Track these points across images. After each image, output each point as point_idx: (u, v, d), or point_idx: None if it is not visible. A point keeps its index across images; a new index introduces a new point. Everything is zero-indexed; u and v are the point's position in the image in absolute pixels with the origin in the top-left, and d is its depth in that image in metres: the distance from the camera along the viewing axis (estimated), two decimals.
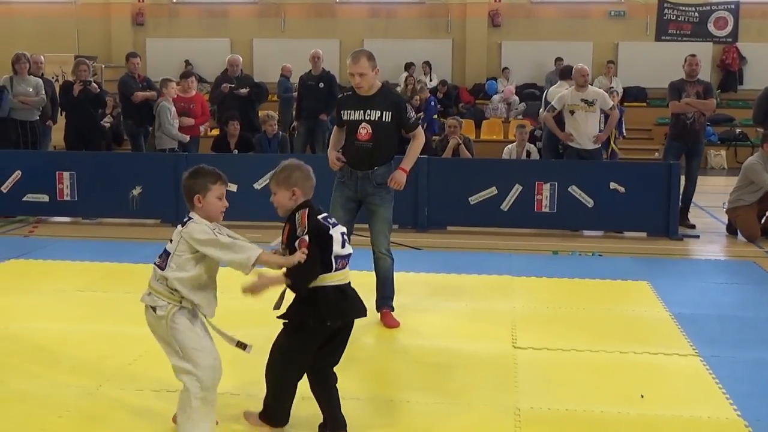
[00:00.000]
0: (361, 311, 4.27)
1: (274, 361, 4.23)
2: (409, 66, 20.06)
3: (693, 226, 10.43)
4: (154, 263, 4.06)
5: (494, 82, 20.22)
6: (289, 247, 4.10)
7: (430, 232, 10.06)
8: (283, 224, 4.22)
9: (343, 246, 4.15)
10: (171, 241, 4.06)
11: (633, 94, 19.51)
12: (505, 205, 10.07)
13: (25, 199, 10.55)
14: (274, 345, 4.25)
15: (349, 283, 4.22)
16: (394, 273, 6.39)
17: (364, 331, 6.09)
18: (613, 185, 9.95)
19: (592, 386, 5.07)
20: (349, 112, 6.12)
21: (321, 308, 4.07)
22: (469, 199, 10.12)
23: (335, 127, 6.38)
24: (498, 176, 10.16)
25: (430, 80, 19.85)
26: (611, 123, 10.73)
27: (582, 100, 10.34)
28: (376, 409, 4.68)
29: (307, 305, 4.10)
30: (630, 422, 4.55)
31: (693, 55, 10.73)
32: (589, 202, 9.97)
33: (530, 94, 19.99)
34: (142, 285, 5.23)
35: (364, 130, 6.05)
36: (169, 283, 3.99)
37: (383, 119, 6.03)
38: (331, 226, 4.15)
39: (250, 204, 10.27)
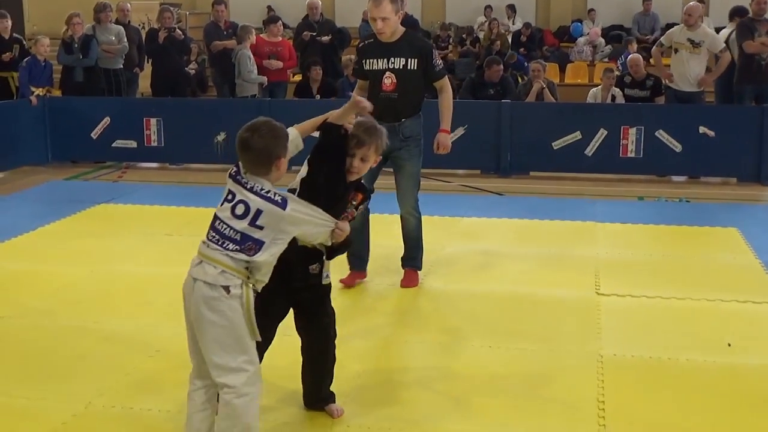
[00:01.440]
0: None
1: (328, 345, 3.93)
2: (486, 9, 19.72)
3: None
4: (234, 249, 3.34)
5: (579, 24, 19.71)
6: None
7: (512, 178, 9.97)
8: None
9: None
10: (258, 227, 3.33)
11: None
12: (590, 150, 9.89)
13: (114, 145, 10.80)
14: (320, 331, 3.90)
15: None
16: (420, 232, 5.98)
17: (444, 277, 6.11)
18: (702, 129, 9.68)
19: (677, 334, 4.99)
20: (371, 61, 5.66)
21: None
22: (553, 144, 9.97)
23: (358, 81, 5.93)
24: (582, 121, 9.97)
25: (513, 24, 19.50)
26: (719, 67, 10.29)
27: (688, 39, 10.03)
28: (459, 353, 4.70)
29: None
30: (716, 370, 4.48)
31: None
32: (677, 147, 9.73)
33: (617, 36, 19.44)
34: None
35: (389, 80, 5.62)
36: (252, 265, 3.35)
37: (408, 67, 5.60)
38: None
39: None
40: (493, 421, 3.94)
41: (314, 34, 12.48)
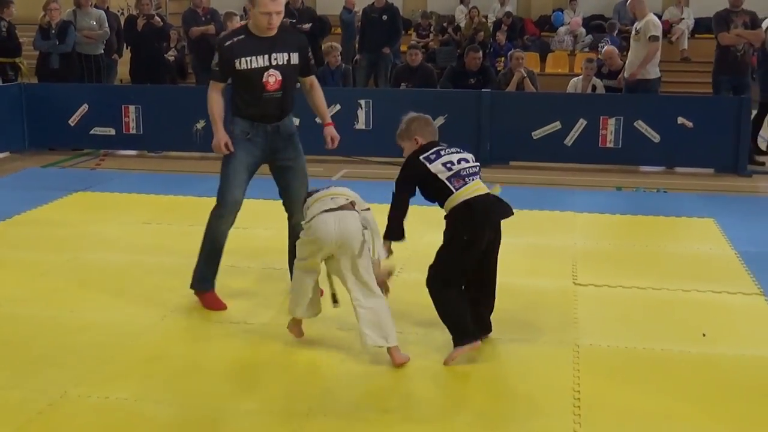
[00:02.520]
0: (499, 213, 4.59)
1: (432, 282, 4.59)
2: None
3: (762, 164, 10.14)
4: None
5: (561, 13, 19.75)
6: None
7: (492, 167, 9.94)
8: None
9: (450, 169, 4.49)
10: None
11: (705, 26, 18.84)
12: (569, 140, 9.93)
13: (92, 132, 10.72)
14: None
15: (484, 194, 4.53)
16: None
17: (422, 267, 6.11)
18: (680, 120, 9.73)
19: (653, 324, 5.03)
20: (248, 59, 5.05)
21: (457, 225, 4.48)
22: (533, 133, 9.99)
23: (215, 84, 5.21)
24: (562, 110, 10.00)
25: (502, 7, 19.41)
26: (647, 56, 10.28)
27: (635, 28, 10.26)
28: (436, 344, 4.70)
29: (447, 224, 4.56)
30: (691, 360, 4.52)
31: None
32: (656, 138, 9.78)
33: (597, 26, 19.49)
34: (205, 218, 5.33)
35: (273, 78, 5.10)
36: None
37: (291, 62, 5.15)
38: (430, 163, 4.55)
39: (311, 137, 10.28)
40: (468, 410, 3.96)
41: (294, 21, 12.43)
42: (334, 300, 4.65)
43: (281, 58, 5.11)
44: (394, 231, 4.68)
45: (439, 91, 10.92)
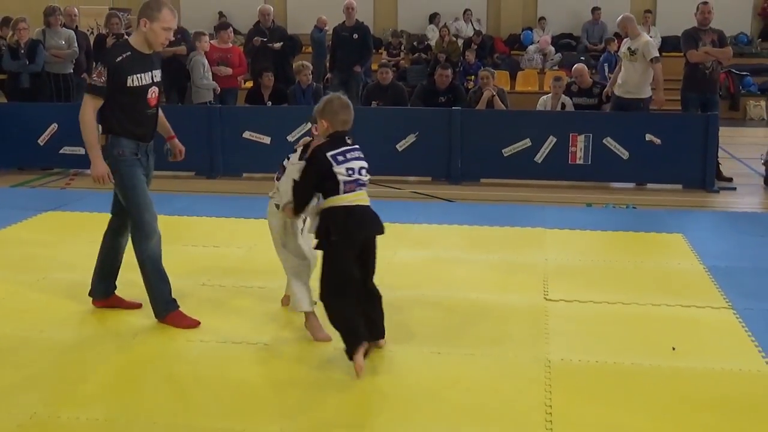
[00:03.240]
0: (371, 229, 4.69)
1: (324, 295, 4.63)
2: (434, 17, 19.81)
3: (729, 179, 10.26)
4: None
5: (530, 32, 19.95)
6: None
7: (463, 185, 10.04)
8: None
9: (350, 175, 4.59)
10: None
11: (672, 44, 19.11)
12: (539, 157, 10.00)
13: (61, 151, 10.65)
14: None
15: (363, 205, 4.65)
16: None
17: (394, 284, 6.14)
18: (648, 137, 9.84)
19: (623, 339, 5.07)
20: (137, 76, 5.04)
21: (329, 225, 4.55)
22: (503, 150, 10.06)
23: (94, 101, 5.03)
24: (532, 128, 10.09)
25: (475, 27, 19.55)
26: (657, 78, 10.45)
27: (627, 48, 10.21)
28: (408, 360, 4.72)
29: (321, 224, 4.62)
30: (661, 374, 4.55)
31: (705, 3, 10.41)
32: (624, 154, 9.88)
33: (566, 44, 19.71)
34: (176, 236, 5.34)
35: (153, 94, 5.15)
36: None
37: (160, 78, 5.28)
38: (336, 164, 4.57)
39: (283, 156, 10.29)
40: (440, 428, 3.96)
41: (265, 40, 12.46)
42: None
43: (157, 74, 5.22)
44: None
45: (410, 110, 10.97)
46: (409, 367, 4.64)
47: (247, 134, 10.33)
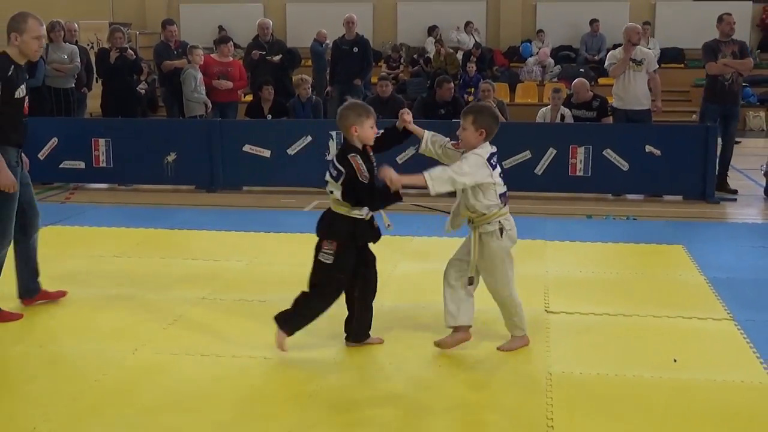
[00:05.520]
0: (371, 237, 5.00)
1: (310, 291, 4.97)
2: (433, 30, 19.85)
3: (734, 191, 10.25)
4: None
5: (529, 44, 19.99)
6: None
7: None
8: None
9: None
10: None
11: (670, 56, 19.19)
12: (539, 169, 10.00)
13: (61, 166, 10.66)
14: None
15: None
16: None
17: (395, 296, 6.13)
18: (648, 148, 9.84)
19: (625, 351, 5.06)
20: (21, 88, 5.34)
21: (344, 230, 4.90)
22: (503, 163, 10.02)
23: None
24: (532, 140, 10.09)
25: (476, 40, 19.58)
26: (656, 87, 10.52)
27: (631, 59, 10.23)
28: (409, 372, 4.71)
29: (337, 224, 4.93)
30: (662, 386, 4.54)
31: (729, 14, 10.47)
32: (624, 166, 9.88)
33: (565, 56, 19.74)
34: (177, 250, 5.35)
35: (26, 103, 5.45)
36: None
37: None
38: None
39: (283, 169, 10.34)
40: None
41: (264, 53, 12.49)
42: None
43: (26, 84, 5.44)
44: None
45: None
46: (408, 378, 4.63)
47: (247, 147, 10.34)
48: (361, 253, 5.00)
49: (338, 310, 5.76)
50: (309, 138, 10.31)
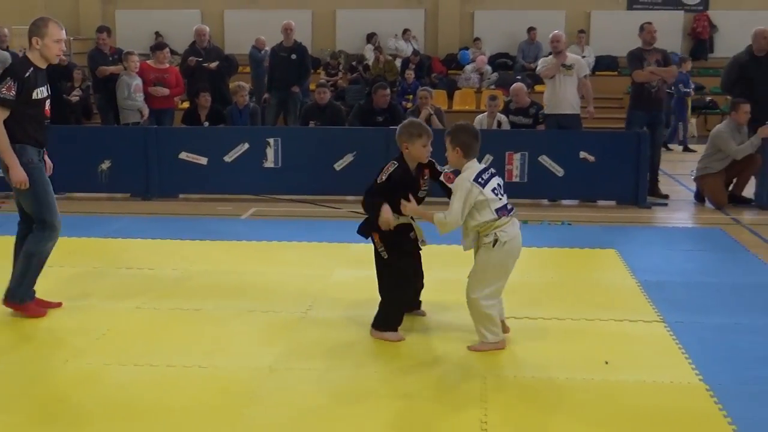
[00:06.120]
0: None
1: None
2: (371, 37, 19.93)
3: (666, 196, 10.46)
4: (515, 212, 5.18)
5: (467, 52, 20.17)
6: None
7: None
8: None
9: None
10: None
11: (605, 63, 19.54)
12: None
13: None
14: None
15: None
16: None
17: (332, 303, 6.13)
18: (583, 154, 10.01)
19: (558, 354, 5.12)
20: (40, 89, 5.58)
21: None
22: (443, 168, 10.10)
23: (2, 113, 5.42)
24: None
25: (414, 47, 19.70)
26: (588, 92, 10.73)
27: (561, 64, 10.38)
28: (345, 379, 4.71)
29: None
30: (594, 388, 4.62)
31: (649, 23, 10.71)
32: (560, 172, 10.03)
33: (503, 64, 19.96)
34: (111, 259, 5.28)
35: (48, 105, 5.72)
36: None
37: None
38: None
39: (220, 177, 10.28)
40: None
41: (201, 60, 12.40)
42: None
43: (48, 87, 5.69)
44: None
45: (348, 129, 11.01)
46: (345, 385, 4.63)
47: (183, 155, 10.25)
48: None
49: (274, 317, 5.76)
50: (246, 145, 10.27)
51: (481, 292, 5.06)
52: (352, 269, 7.02)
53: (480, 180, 5.01)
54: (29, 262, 5.64)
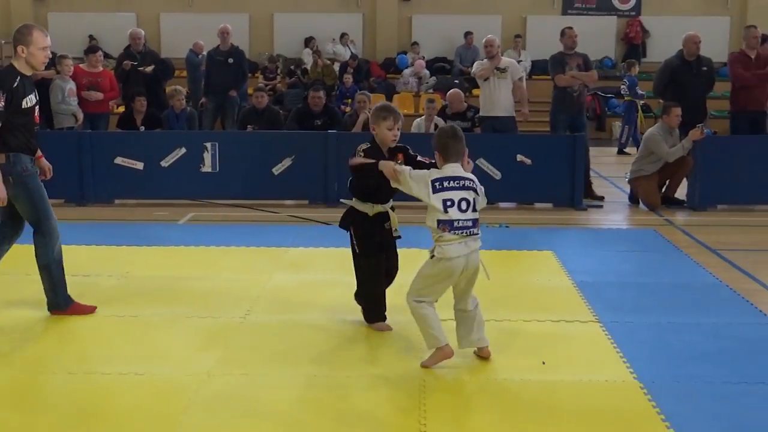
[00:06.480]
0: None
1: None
2: (309, 41, 19.91)
3: (601, 198, 10.62)
4: (474, 232, 4.96)
5: (405, 56, 20.27)
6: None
7: (340, 207, 10.03)
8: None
9: None
10: (476, 209, 4.92)
11: (541, 68, 19.74)
12: None
13: None
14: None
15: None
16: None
17: (270, 308, 6.11)
18: (520, 158, 10.12)
19: (496, 355, 5.15)
20: (29, 98, 5.57)
21: None
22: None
23: None
24: None
25: (352, 51, 19.73)
26: (522, 95, 10.89)
27: (495, 68, 10.49)
28: (284, 384, 4.69)
29: None
30: (531, 388, 4.67)
31: (570, 28, 10.91)
32: (497, 175, 10.12)
33: (440, 68, 20.11)
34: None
35: (37, 112, 5.73)
36: None
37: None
38: None
39: (157, 182, 10.17)
40: None
41: (136, 64, 12.25)
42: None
43: (36, 94, 5.69)
44: None
45: (286, 133, 10.97)
46: (285, 391, 4.61)
47: (119, 160, 10.12)
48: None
49: (212, 322, 5.72)
50: (183, 150, 10.18)
51: (413, 295, 5.02)
52: (290, 273, 7.01)
53: (437, 184, 4.86)
54: (50, 272, 5.76)
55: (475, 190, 4.90)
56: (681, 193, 10.39)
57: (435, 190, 4.86)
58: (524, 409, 4.40)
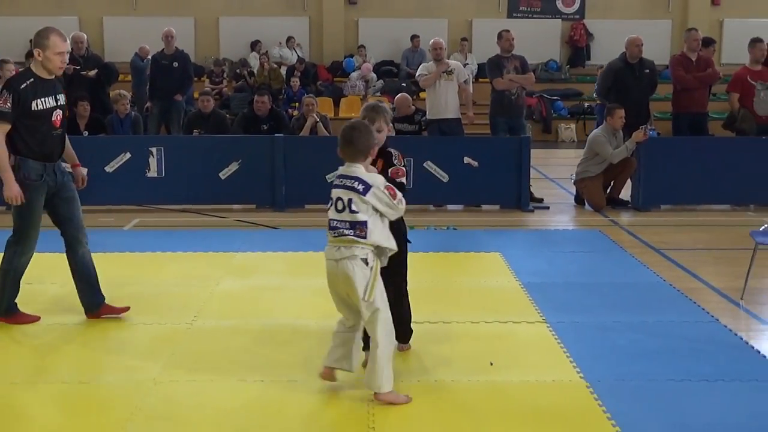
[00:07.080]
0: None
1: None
2: (255, 44, 19.82)
3: (540, 200, 10.72)
4: (349, 235, 4.54)
5: (352, 59, 20.27)
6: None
7: (287, 211, 10.03)
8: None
9: None
10: (354, 210, 4.53)
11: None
12: None
13: None
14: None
15: None
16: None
17: (217, 313, 6.06)
18: (467, 160, 10.17)
19: (444, 357, 5.19)
20: (41, 100, 5.48)
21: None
22: (327, 176, 10.05)
23: (2, 126, 5.41)
24: None
25: (298, 55, 19.68)
26: (467, 98, 10.97)
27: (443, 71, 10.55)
28: (231, 391, 4.66)
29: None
30: (479, 389, 4.69)
31: (507, 31, 10.99)
32: (444, 177, 10.16)
33: (388, 71, 20.13)
34: None
35: (58, 117, 5.62)
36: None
37: (65, 102, 5.75)
38: None
39: (101, 188, 10.01)
40: None
41: (79, 68, 12.07)
42: None
43: (61, 98, 5.64)
44: None
45: (232, 137, 10.90)
46: (231, 397, 4.57)
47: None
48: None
49: (159, 329, 5.65)
50: (128, 155, 10.06)
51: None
52: (237, 279, 6.96)
53: (334, 182, 4.70)
54: (5, 278, 5.69)
55: (356, 191, 4.53)
56: (625, 193, 10.53)
57: (333, 187, 4.67)
58: (472, 410, 4.42)
